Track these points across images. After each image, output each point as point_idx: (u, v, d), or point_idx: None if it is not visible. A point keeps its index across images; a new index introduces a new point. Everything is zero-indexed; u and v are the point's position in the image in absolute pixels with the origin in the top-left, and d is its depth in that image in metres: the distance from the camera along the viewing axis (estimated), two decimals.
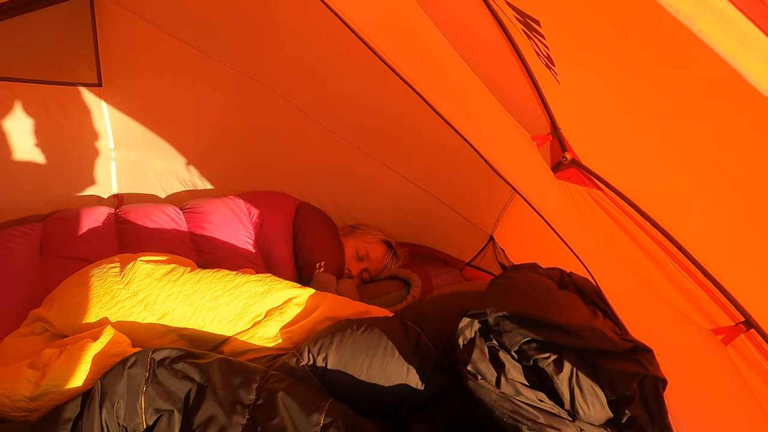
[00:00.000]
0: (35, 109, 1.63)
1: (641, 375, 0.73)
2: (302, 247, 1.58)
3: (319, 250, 1.58)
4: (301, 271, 1.57)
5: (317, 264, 1.54)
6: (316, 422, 0.80)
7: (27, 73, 1.58)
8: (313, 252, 1.57)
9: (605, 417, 0.77)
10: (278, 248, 1.55)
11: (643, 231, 1.19)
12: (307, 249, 1.58)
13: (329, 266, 1.55)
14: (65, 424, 0.78)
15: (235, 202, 1.63)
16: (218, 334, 1.01)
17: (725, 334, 1.05)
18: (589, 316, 0.79)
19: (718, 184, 0.89)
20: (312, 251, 1.57)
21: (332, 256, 1.58)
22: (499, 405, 0.76)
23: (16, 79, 1.57)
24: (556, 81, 0.92)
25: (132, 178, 1.90)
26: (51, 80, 1.63)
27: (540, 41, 0.77)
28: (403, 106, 1.62)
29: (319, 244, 1.59)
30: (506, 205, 1.71)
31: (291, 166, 1.90)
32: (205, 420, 0.78)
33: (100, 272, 1.04)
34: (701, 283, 1.09)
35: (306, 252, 1.57)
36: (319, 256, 1.55)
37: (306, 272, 1.55)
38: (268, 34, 1.61)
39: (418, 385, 0.94)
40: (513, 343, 0.79)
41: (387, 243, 1.75)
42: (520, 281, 0.85)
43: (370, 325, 1.01)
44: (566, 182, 1.37)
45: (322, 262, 1.54)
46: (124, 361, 0.83)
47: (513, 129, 1.28)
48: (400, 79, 0.75)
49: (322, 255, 1.56)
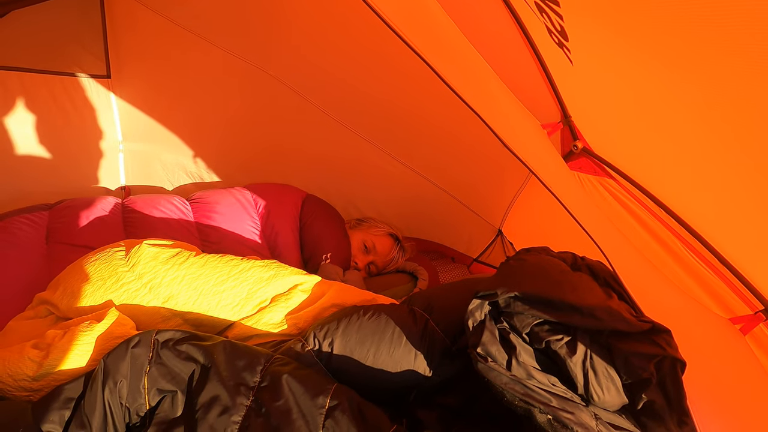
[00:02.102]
0: (44, 100, 1.64)
1: (659, 356, 0.70)
2: (308, 238, 1.57)
3: (326, 241, 1.56)
4: (308, 262, 1.55)
5: (324, 255, 1.52)
6: (322, 405, 0.78)
7: (36, 63, 1.59)
8: (319, 243, 1.55)
9: (620, 402, 0.75)
10: (284, 239, 1.54)
11: (658, 220, 1.16)
12: (314, 240, 1.56)
13: (336, 258, 1.53)
14: (67, 404, 0.77)
15: (242, 193, 1.62)
16: (223, 319, 1.00)
17: (744, 323, 1.02)
18: (604, 297, 0.76)
19: (736, 171, 0.86)
20: (318, 242, 1.56)
21: (339, 247, 1.56)
22: (510, 388, 0.73)
23: (25, 69, 1.58)
24: (569, 60, 0.90)
25: (139, 171, 1.90)
26: (60, 71, 1.64)
27: (554, 12, 0.75)
28: (412, 99, 1.61)
29: (325, 235, 1.58)
30: (515, 198, 1.69)
31: (298, 159, 1.90)
32: (208, 401, 0.77)
33: (105, 255, 1.03)
34: (718, 272, 1.06)
35: (312, 243, 1.56)
36: (325, 248, 1.54)
37: (312, 263, 1.53)
38: (277, 24, 1.61)
39: (426, 371, 0.92)
40: (524, 325, 0.77)
41: (394, 236, 1.73)
42: (532, 263, 0.83)
43: (377, 311, 0.99)
44: (577, 172, 1.34)
45: (328, 253, 1.52)
46: (127, 341, 0.82)
47: (524, 116, 1.26)
48: (427, 65, 0.74)
49: (328, 246, 1.55)
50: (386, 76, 1.59)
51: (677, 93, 0.80)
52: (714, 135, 0.83)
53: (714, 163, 0.90)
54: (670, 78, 0.76)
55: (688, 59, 0.68)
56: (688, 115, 0.84)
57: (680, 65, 0.71)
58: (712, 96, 0.72)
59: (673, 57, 0.71)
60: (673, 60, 0.71)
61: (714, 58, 0.62)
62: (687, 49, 0.66)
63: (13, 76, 1.56)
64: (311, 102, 1.77)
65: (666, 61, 0.72)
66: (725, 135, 0.80)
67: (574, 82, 1.10)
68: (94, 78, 1.70)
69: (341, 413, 0.77)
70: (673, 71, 0.73)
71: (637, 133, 1.04)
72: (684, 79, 0.75)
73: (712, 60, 0.63)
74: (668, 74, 0.75)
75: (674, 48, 0.68)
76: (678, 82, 0.76)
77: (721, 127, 0.79)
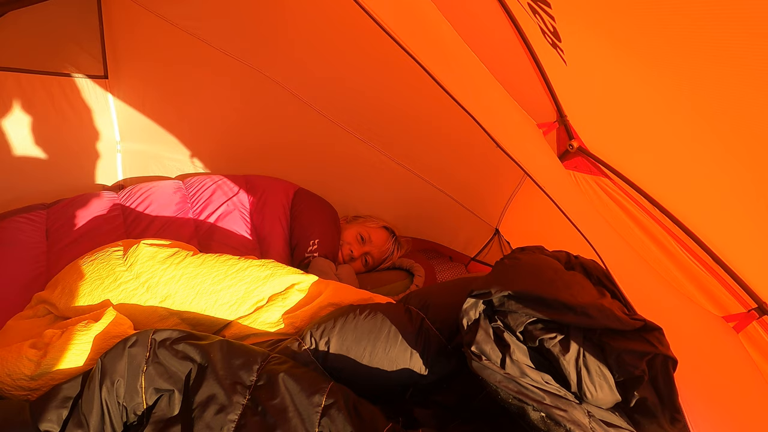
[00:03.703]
0: (41, 101, 1.64)
1: (651, 354, 0.71)
2: (297, 225, 1.58)
3: (314, 228, 1.57)
4: (294, 248, 1.55)
5: (311, 241, 1.52)
6: (318, 403, 0.78)
7: (33, 64, 1.59)
8: (307, 230, 1.56)
9: (613, 400, 0.75)
10: (270, 224, 1.55)
11: (653, 218, 1.17)
12: (302, 227, 1.57)
13: (323, 245, 1.53)
14: (65, 403, 0.77)
15: (234, 179, 1.68)
16: (220, 318, 1.00)
17: (737, 321, 1.03)
18: (596, 295, 0.77)
19: (729, 170, 0.87)
20: (307, 229, 1.56)
21: (327, 235, 1.57)
22: (504, 386, 0.74)
23: (22, 69, 1.58)
24: (563, 60, 0.91)
25: (137, 170, 1.91)
26: (57, 71, 1.64)
27: (546, 13, 0.75)
28: (408, 99, 1.62)
29: (314, 223, 1.59)
30: (512, 197, 1.70)
31: (294, 159, 1.90)
32: (205, 399, 0.77)
33: (103, 255, 1.04)
34: (712, 270, 1.07)
35: (300, 230, 1.57)
36: (313, 234, 1.54)
37: (299, 250, 1.53)
38: (274, 25, 1.61)
39: (422, 369, 0.93)
40: (518, 324, 0.77)
41: (389, 229, 1.76)
42: (526, 261, 0.83)
43: (373, 310, 0.99)
44: (573, 171, 1.35)
45: (316, 240, 1.52)
46: (125, 340, 0.82)
47: (520, 117, 1.27)
48: (422, 68, 0.75)
49: (316, 233, 1.55)
50: (382, 77, 1.59)
51: (667, 94, 0.81)
52: (706, 134, 0.84)
53: (707, 162, 0.91)
54: (658, 79, 0.77)
55: (677, 62, 0.69)
56: (679, 116, 0.85)
57: (668, 67, 0.72)
58: (701, 97, 0.73)
59: (661, 59, 0.72)
60: (661, 62, 0.72)
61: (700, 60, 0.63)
62: (675, 52, 0.67)
63: (11, 77, 1.56)
64: (307, 103, 1.77)
65: (653, 62, 0.73)
66: (717, 134, 0.81)
67: (568, 82, 1.10)
68: (91, 78, 1.71)
69: (337, 411, 0.78)
70: (661, 73, 0.74)
71: (631, 133, 1.05)
72: (673, 80, 0.75)
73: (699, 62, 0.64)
74: (656, 75, 0.76)
75: (662, 50, 0.69)
76: (667, 83, 0.77)
77: (713, 127, 0.80)
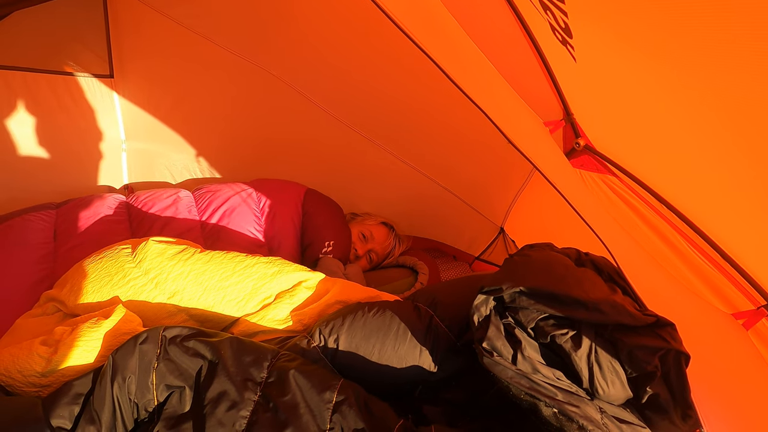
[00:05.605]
0: (47, 100, 1.64)
1: (663, 349, 0.70)
2: (310, 226, 1.57)
3: (329, 230, 1.57)
4: (306, 248, 1.55)
5: (326, 242, 1.53)
6: (329, 400, 0.78)
7: (39, 63, 1.60)
8: (322, 231, 1.56)
9: (625, 396, 0.75)
10: (282, 224, 1.54)
11: (661, 216, 1.17)
12: (315, 228, 1.57)
13: (337, 246, 1.54)
14: (76, 399, 0.77)
15: (245, 185, 1.65)
16: (228, 315, 1.00)
17: (746, 319, 1.02)
18: (608, 291, 0.77)
19: (737, 167, 0.87)
20: (321, 230, 1.56)
21: (341, 236, 1.57)
22: (515, 382, 0.74)
23: (28, 69, 1.58)
24: (572, 58, 0.91)
25: (142, 170, 1.91)
26: (63, 71, 1.65)
27: (559, 9, 0.75)
28: (413, 97, 1.62)
29: (328, 224, 1.59)
30: (517, 196, 1.69)
31: (300, 157, 1.90)
32: (216, 396, 0.77)
33: (112, 253, 1.04)
34: (721, 268, 1.06)
35: (314, 231, 1.56)
36: (328, 236, 1.55)
37: (311, 251, 1.53)
38: (280, 23, 1.62)
39: (431, 366, 0.93)
40: (529, 320, 0.77)
41: (387, 225, 1.77)
42: (537, 258, 0.83)
43: (382, 307, 0.99)
44: (580, 169, 1.35)
45: (331, 241, 1.53)
46: (135, 337, 0.82)
47: (527, 114, 1.26)
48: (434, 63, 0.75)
49: (331, 235, 1.55)
50: (387, 74, 1.59)
51: (676, 91, 0.81)
52: (715, 131, 0.84)
53: (715, 159, 0.91)
54: (670, 77, 0.77)
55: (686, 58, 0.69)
56: (687, 113, 0.85)
57: (677, 64, 0.72)
58: (711, 94, 0.73)
59: (670, 56, 0.72)
60: (671, 58, 0.72)
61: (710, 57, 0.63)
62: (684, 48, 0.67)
63: (17, 76, 1.57)
64: (313, 101, 1.77)
65: (663, 59, 0.73)
66: (726, 131, 0.81)
67: (577, 80, 1.10)
68: (97, 77, 1.71)
69: (348, 408, 0.78)
70: (670, 69, 0.74)
71: (639, 130, 1.05)
72: (682, 77, 0.75)
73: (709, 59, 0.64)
74: (668, 73, 0.76)
75: (671, 47, 0.69)
76: (676, 80, 0.77)
77: (722, 124, 0.80)
